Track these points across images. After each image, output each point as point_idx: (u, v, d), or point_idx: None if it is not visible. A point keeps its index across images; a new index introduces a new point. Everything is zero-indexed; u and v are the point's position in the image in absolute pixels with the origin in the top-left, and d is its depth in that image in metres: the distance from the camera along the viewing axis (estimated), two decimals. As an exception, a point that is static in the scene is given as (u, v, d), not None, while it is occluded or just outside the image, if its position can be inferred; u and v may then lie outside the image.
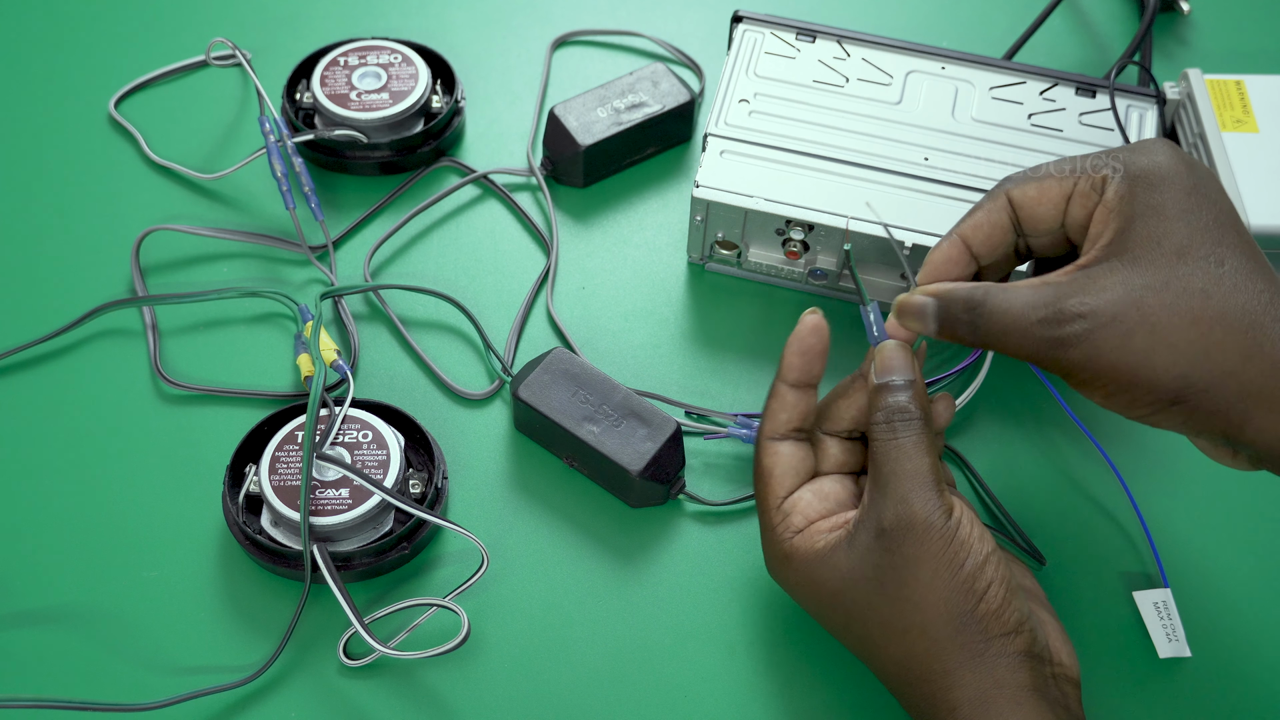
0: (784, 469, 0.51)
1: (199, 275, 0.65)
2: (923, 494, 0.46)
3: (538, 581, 0.55)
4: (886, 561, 0.46)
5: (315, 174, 0.69)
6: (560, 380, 0.58)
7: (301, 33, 0.75)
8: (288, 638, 0.52)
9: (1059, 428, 0.60)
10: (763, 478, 0.51)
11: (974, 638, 0.45)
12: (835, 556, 0.48)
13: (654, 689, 0.53)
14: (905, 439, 0.47)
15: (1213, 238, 0.45)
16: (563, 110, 0.68)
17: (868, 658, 0.49)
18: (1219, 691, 0.53)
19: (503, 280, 0.65)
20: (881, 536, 0.47)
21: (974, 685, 0.45)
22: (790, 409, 0.51)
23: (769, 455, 0.51)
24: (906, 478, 0.47)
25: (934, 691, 0.46)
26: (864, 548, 0.47)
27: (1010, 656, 0.45)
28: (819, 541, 0.49)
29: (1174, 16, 0.79)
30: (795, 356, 0.51)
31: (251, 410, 0.60)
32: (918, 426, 0.48)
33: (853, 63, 0.66)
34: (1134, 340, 0.44)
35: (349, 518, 0.54)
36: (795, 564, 0.49)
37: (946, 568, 0.46)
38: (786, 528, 0.50)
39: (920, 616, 0.46)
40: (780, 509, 0.50)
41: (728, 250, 0.64)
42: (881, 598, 0.47)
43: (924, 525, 0.46)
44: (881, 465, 0.48)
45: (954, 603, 0.46)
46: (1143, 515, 0.58)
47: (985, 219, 0.50)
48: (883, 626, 0.47)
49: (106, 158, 0.69)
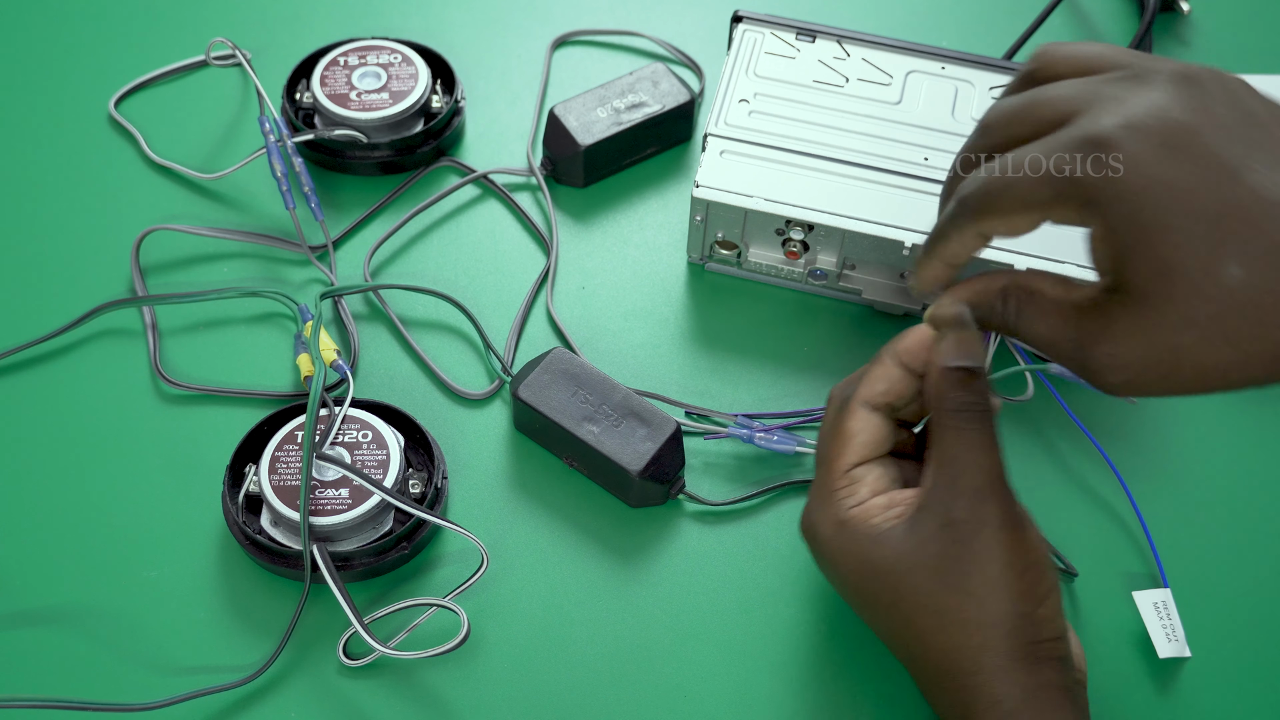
0: (866, 438, 0.49)
1: (199, 275, 0.65)
2: (1001, 492, 0.46)
3: (538, 581, 0.55)
4: (953, 553, 0.46)
5: (315, 174, 0.69)
6: (560, 380, 0.58)
7: (301, 33, 0.75)
8: (288, 638, 0.52)
9: (1059, 428, 0.60)
10: (841, 439, 0.50)
11: (1028, 639, 0.45)
12: (893, 537, 0.47)
13: (654, 689, 0.53)
14: (980, 432, 0.47)
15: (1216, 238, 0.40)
16: (563, 110, 0.68)
17: (905, 642, 0.48)
18: (1219, 691, 0.53)
19: (503, 280, 0.65)
20: (951, 528, 0.46)
21: (1022, 684, 0.45)
22: (894, 381, 0.50)
23: (856, 419, 0.50)
24: (982, 472, 0.46)
25: (978, 685, 0.45)
26: (927, 535, 0.46)
27: (1055, 660, 0.46)
28: (876, 518, 0.48)
29: (1174, 16, 0.79)
30: (917, 342, 0.49)
31: (251, 410, 0.60)
32: (990, 420, 0.47)
33: (853, 63, 0.66)
34: (1178, 376, 0.41)
35: (349, 518, 0.54)
36: (848, 535, 0.48)
37: (1015, 569, 0.45)
38: (849, 494, 0.49)
39: (980, 612, 0.45)
40: (848, 475, 0.49)
41: (728, 250, 0.64)
42: (941, 586, 0.46)
43: (1000, 524, 0.46)
44: (954, 455, 0.46)
45: (1018, 603, 0.45)
46: (1143, 515, 0.58)
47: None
48: (936, 615, 0.46)
49: (106, 158, 0.69)
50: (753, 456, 0.59)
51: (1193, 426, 0.61)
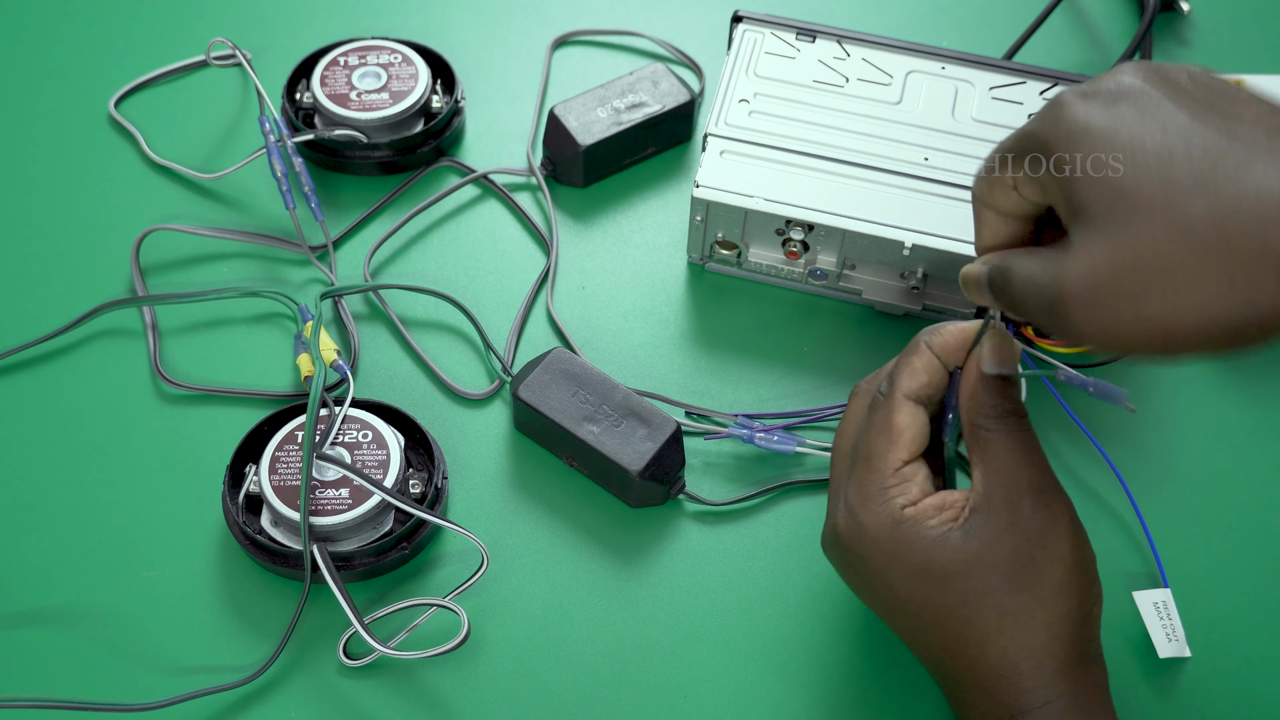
0: (914, 434, 0.48)
1: (199, 275, 0.65)
2: (1062, 493, 0.47)
3: (538, 581, 0.55)
4: (1025, 552, 0.46)
5: (315, 174, 0.69)
6: (560, 380, 0.58)
7: (301, 33, 0.75)
8: (288, 638, 0.52)
9: (1059, 428, 0.60)
10: (890, 435, 0.48)
11: (1085, 640, 0.46)
12: (954, 540, 0.46)
13: (654, 689, 0.53)
14: (1028, 435, 0.47)
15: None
16: (563, 110, 0.68)
17: (959, 647, 0.47)
18: (1219, 691, 0.53)
19: (503, 280, 0.65)
20: (1019, 526, 0.46)
21: (1076, 682, 0.46)
22: (933, 373, 0.48)
23: (903, 413, 0.48)
24: (1041, 473, 0.47)
25: (1037, 686, 0.46)
26: (993, 536, 0.46)
27: (1099, 659, 0.47)
28: (931, 520, 0.47)
29: (1174, 16, 0.79)
30: (955, 339, 0.48)
31: (251, 410, 0.60)
32: (1030, 424, 0.47)
33: (853, 63, 0.66)
34: (1147, 307, 0.38)
35: (349, 518, 0.54)
36: (903, 536, 0.47)
37: (1079, 568, 0.46)
38: (902, 494, 0.47)
39: (1047, 613, 0.46)
40: (900, 473, 0.47)
41: (728, 250, 0.64)
42: (1008, 588, 0.46)
43: (1069, 523, 0.46)
44: (1006, 458, 0.46)
45: (1079, 603, 0.46)
46: (1143, 515, 0.58)
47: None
48: (1002, 616, 0.46)
49: (106, 158, 0.69)
50: (753, 456, 0.59)
51: (1193, 427, 0.61)
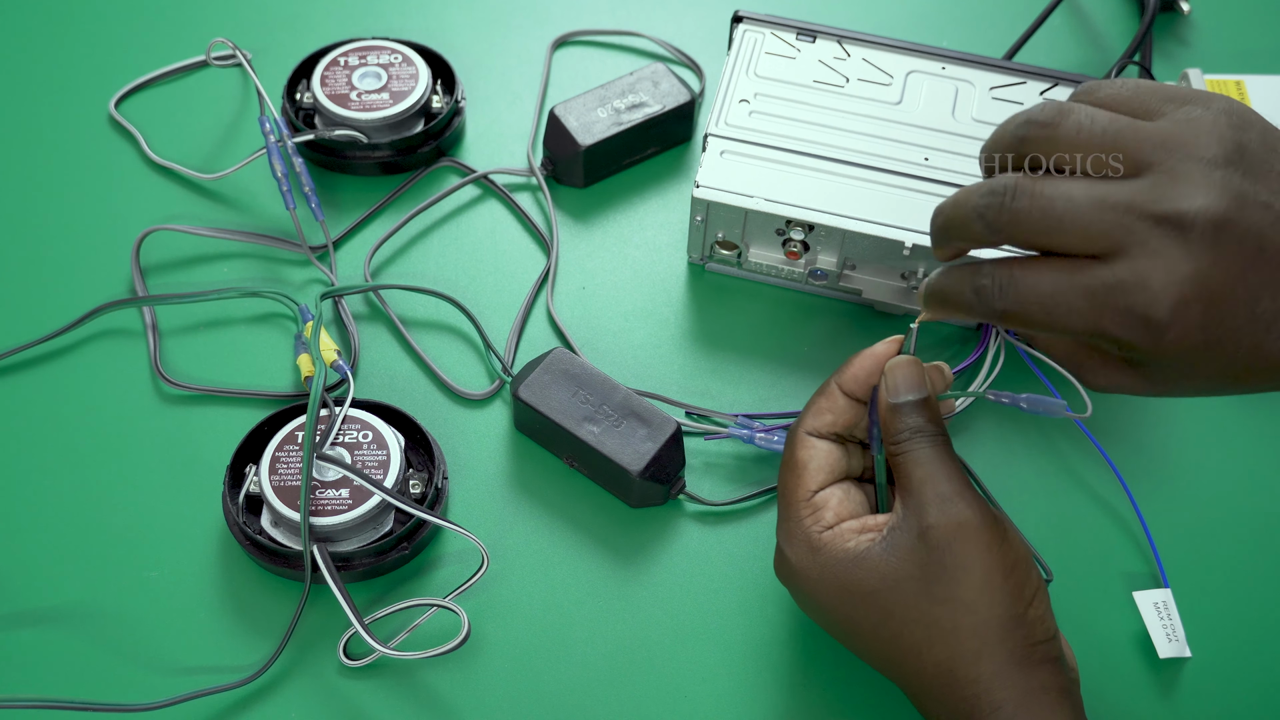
0: (818, 464, 0.50)
1: (199, 275, 0.65)
2: (968, 495, 0.46)
3: (538, 581, 0.56)
4: (935, 561, 0.46)
5: (315, 174, 0.69)
6: (560, 380, 0.58)
7: (301, 33, 0.75)
8: (288, 638, 0.52)
9: (1059, 428, 0.60)
10: (795, 470, 0.50)
11: (1021, 641, 0.45)
12: (871, 557, 0.47)
13: (654, 689, 0.53)
14: (934, 447, 0.47)
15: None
16: (563, 110, 0.68)
17: (897, 660, 0.47)
18: (1219, 691, 0.53)
19: (503, 280, 0.65)
20: (926, 537, 0.46)
21: (1020, 687, 0.45)
22: (839, 413, 0.51)
23: (804, 448, 0.50)
24: (945, 480, 0.47)
25: (977, 693, 0.45)
26: (906, 549, 0.46)
27: (1049, 661, 0.46)
28: (850, 541, 0.48)
29: (1174, 16, 0.79)
30: (863, 371, 0.50)
31: (251, 410, 0.60)
32: (942, 437, 0.48)
33: (853, 63, 0.66)
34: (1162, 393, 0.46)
35: (349, 518, 0.54)
36: (823, 560, 0.48)
37: (999, 570, 0.45)
38: (816, 521, 0.49)
39: (972, 618, 0.45)
40: (810, 502, 0.49)
41: (728, 250, 0.64)
42: (928, 599, 0.46)
43: (978, 524, 0.46)
44: (912, 472, 0.47)
45: (1007, 605, 0.45)
46: (1143, 515, 0.58)
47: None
48: (927, 627, 0.46)
49: (106, 158, 0.69)
50: (753, 457, 0.59)
51: (1193, 427, 0.61)
